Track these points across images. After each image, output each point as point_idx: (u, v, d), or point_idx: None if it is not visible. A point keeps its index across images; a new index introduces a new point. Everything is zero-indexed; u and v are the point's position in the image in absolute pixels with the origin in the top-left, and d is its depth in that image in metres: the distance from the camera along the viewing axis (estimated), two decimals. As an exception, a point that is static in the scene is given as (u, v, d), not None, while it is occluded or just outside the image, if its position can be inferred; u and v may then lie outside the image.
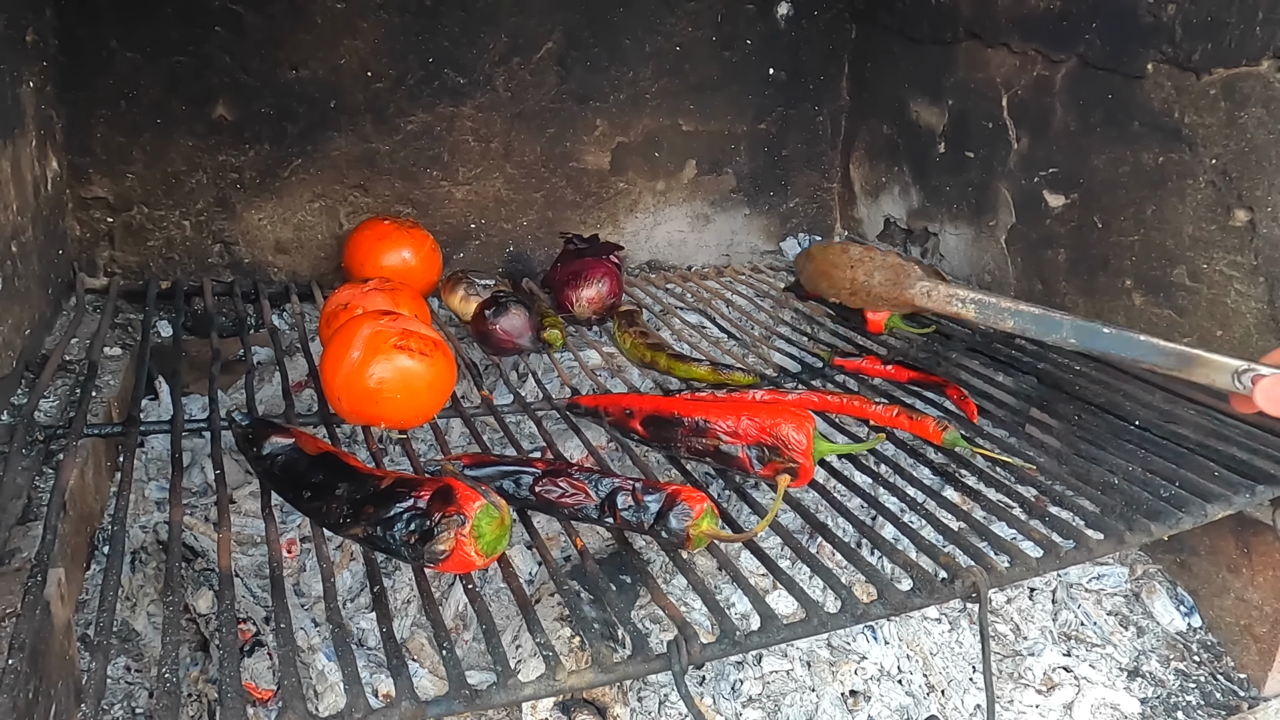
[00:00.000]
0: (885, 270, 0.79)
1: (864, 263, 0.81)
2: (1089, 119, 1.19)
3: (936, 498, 0.88)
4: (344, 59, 1.33)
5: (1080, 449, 0.94)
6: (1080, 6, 1.19)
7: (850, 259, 0.81)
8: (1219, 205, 1.04)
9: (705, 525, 0.72)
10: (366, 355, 0.86)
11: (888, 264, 0.79)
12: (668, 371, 1.12)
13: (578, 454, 1.07)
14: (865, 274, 0.81)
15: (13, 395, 0.94)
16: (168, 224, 1.32)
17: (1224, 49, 1.02)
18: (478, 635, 0.90)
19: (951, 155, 1.44)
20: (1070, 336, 0.74)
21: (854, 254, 0.81)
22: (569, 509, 0.76)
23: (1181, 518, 0.81)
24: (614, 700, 0.85)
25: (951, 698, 0.92)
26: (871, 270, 0.80)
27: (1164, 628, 1.03)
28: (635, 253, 1.61)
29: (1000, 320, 0.75)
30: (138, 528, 0.97)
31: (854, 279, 0.81)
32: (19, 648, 0.59)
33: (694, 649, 0.63)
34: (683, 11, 1.50)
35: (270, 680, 0.84)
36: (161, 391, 1.17)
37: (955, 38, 1.40)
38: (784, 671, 0.92)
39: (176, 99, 1.27)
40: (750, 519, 1.03)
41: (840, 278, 0.82)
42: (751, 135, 1.62)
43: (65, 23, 1.19)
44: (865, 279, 0.81)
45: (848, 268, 0.81)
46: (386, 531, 0.67)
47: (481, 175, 1.46)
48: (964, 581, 0.72)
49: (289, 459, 0.78)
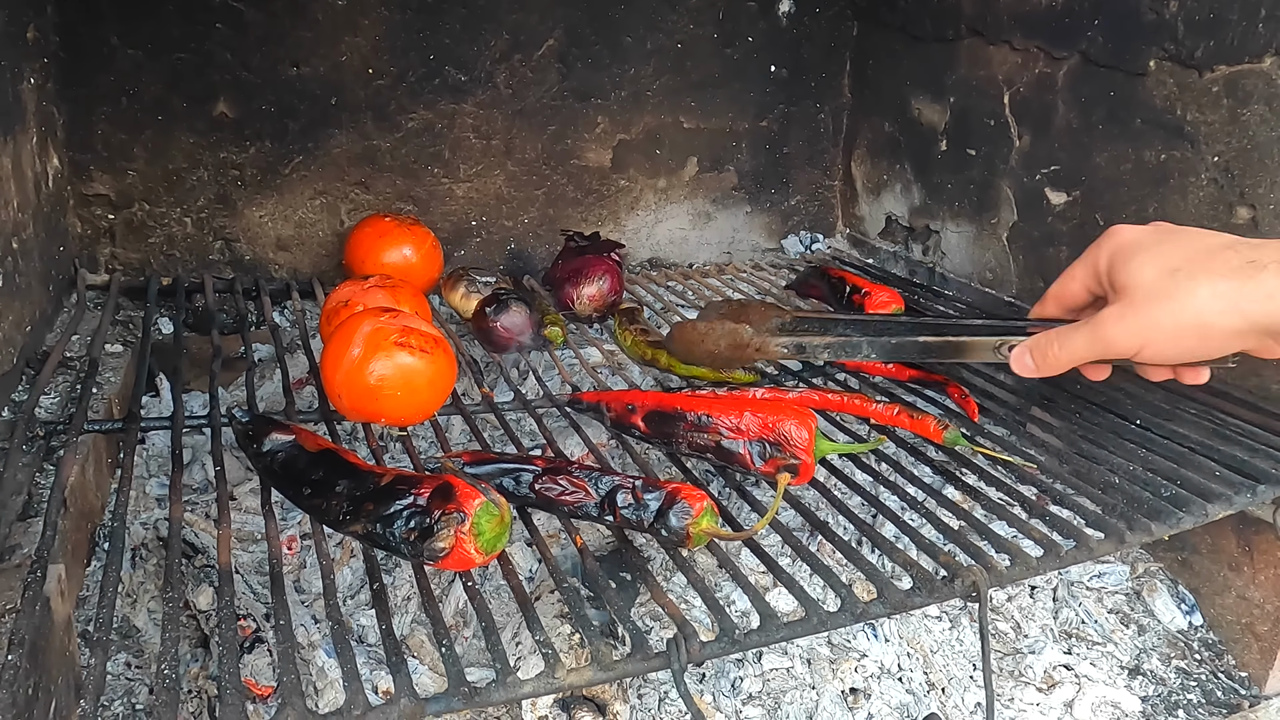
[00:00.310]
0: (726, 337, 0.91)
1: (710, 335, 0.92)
2: (1091, 116, 1.19)
3: (937, 496, 0.87)
4: (345, 56, 1.33)
5: (1081, 448, 0.94)
6: (1082, 4, 1.19)
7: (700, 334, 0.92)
8: (1221, 203, 1.04)
9: (705, 523, 0.72)
10: (367, 352, 0.86)
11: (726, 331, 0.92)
12: (668, 369, 1.12)
13: (578, 451, 1.07)
14: (714, 344, 0.93)
15: (13, 391, 0.94)
16: (169, 221, 1.32)
17: (1226, 46, 1.02)
18: (477, 632, 0.90)
19: (953, 153, 1.44)
20: (871, 354, 0.86)
21: (700, 329, 0.94)
22: (569, 507, 0.76)
23: (1182, 517, 0.81)
24: (614, 698, 0.85)
25: (952, 695, 0.92)
26: (717, 340, 0.92)
27: (1165, 626, 1.03)
28: (636, 250, 1.60)
29: (818, 356, 0.88)
30: (138, 524, 0.97)
31: (709, 350, 0.93)
32: (19, 643, 0.59)
33: (694, 647, 0.63)
34: (684, 9, 1.49)
35: (270, 677, 0.84)
36: (162, 388, 1.17)
37: (957, 35, 1.39)
38: (784, 669, 0.92)
39: (178, 96, 1.27)
40: (750, 517, 1.03)
41: (700, 352, 0.95)
42: (753, 133, 1.62)
43: (66, 19, 1.19)
44: (715, 348, 0.93)
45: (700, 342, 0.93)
46: (386, 529, 0.67)
47: (483, 172, 1.46)
48: (964, 580, 0.72)
49: (289, 456, 0.78)
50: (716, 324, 0.91)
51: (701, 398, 0.92)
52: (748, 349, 0.89)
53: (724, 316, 0.92)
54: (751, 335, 0.88)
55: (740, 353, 0.90)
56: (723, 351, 0.91)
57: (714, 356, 0.93)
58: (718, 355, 0.92)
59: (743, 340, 0.89)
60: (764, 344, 0.88)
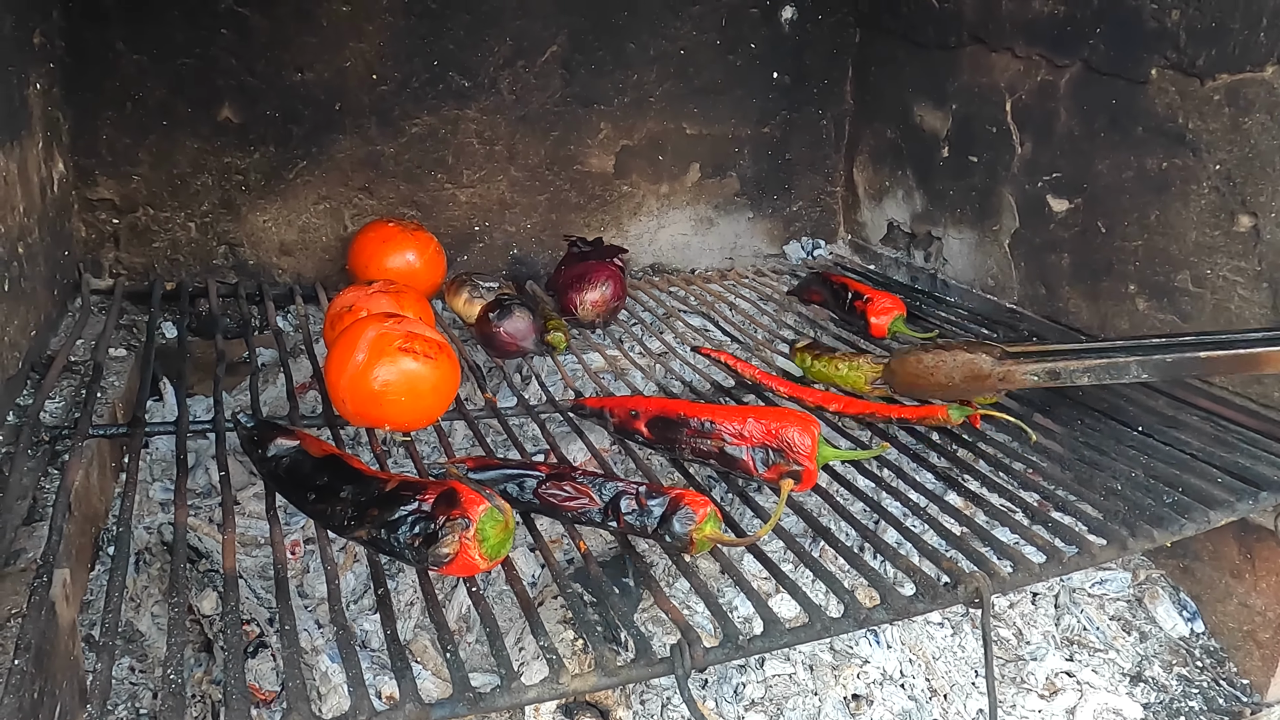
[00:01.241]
0: (961, 369, 0.86)
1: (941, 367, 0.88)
2: (1093, 124, 1.20)
3: (939, 502, 0.88)
4: (349, 62, 1.33)
5: (1083, 454, 0.94)
6: (1085, 12, 1.19)
7: (928, 368, 0.89)
8: (1223, 211, 1.04)
9: (709, 529, 0.73)
10: (371, 358, 0.87)
11: (960, 363, 0.86)
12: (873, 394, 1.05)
13: (581, 456, 1.07)
14: (945, 376, 0.89)
15: (19, 396, 0.94)
16: (173, 225, 1.33)
17: (1228, 54, 1.02)
18: (480, 637, 0.90)
19: (955, 159, 1.44)
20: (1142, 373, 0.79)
21: (928, 362, 0.90)
22: (573, 512, 0.77)
23: (1185, 524, 0.81)
24: (617, 703, 0.85)
25: (954, 702, 0.92)
26: (950, 372, 0.88)
27: (1167, 633, 1.03)
28: (639, 256, 1.61)
29: (1075, 380, 0.82)
30: (142, 529, 0.97)
31: (939, 383, 0.90)
32: (24, 648, 0.59)
33: (697, 653, 0.63)
34: (687, 15, 1.50)
35: (273, 681, 0.84)
36: (166, 393, 1.18)
37: (959, 42, 1.40)
38: (786, 675, 0.92)
39: (182, 101, 1.27)
40: (753, 522, 1.03)
41: (928, 384, 0.92)
42: (755, 139, 1.62)
43: (72, 25, 1.19)
44: (947, 380, 0.89)
45: (929, 376, 0.90)
46: (391, 534, 0.67)
47: (486, 178, 1.46)
48: (967, 587, 0.72)
49: (294, 461, 0.78)
50: (946, 355, 0.87)
51: (705, 404, 0.93)
52: (988, 379, 0.84)
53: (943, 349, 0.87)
54: (992, 365, 0.83)
55: (979, 384, 0.85)
56: (958, 384, 0.87)
57: (946, 389, 0.88)
58: (951, 388, 0.88)
59: (982, 371, 0.84)
60: (1009, 373, 0.83)
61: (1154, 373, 0.78)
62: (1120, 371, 0.78)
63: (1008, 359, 0.84)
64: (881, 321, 1.25)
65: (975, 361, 0.85)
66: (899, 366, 0.93)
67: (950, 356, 0.87)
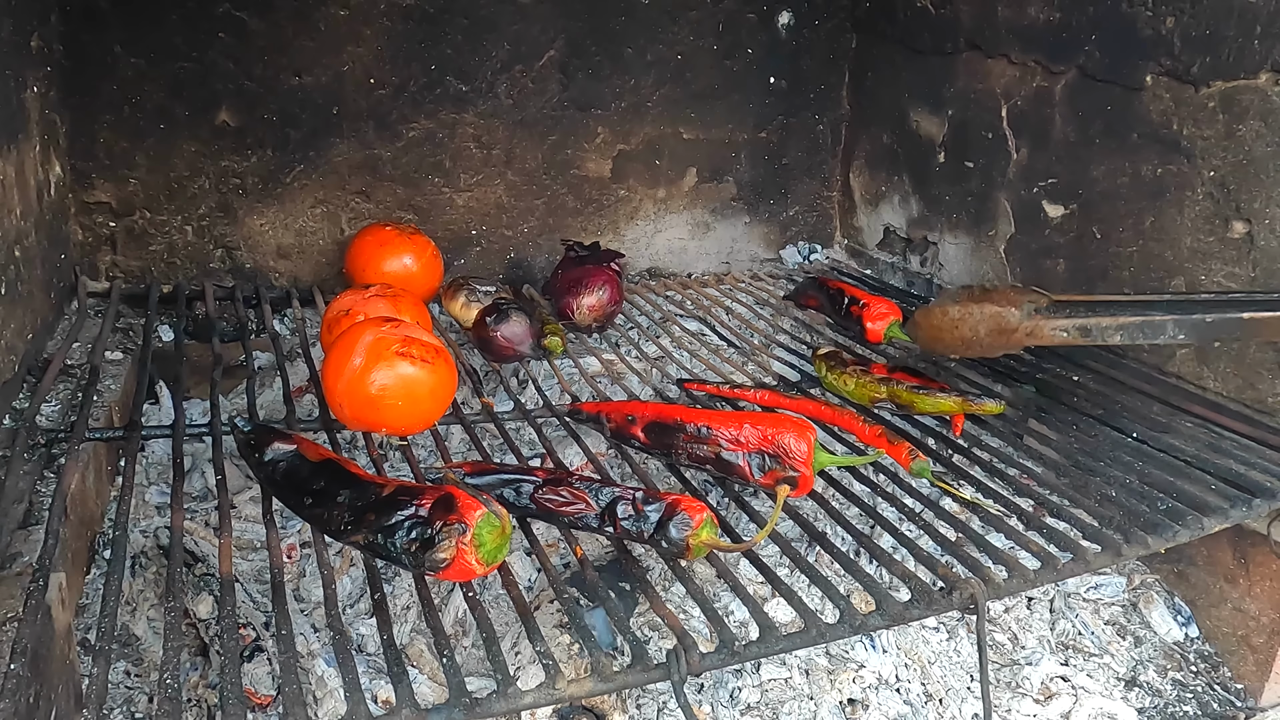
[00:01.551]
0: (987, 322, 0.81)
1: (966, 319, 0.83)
2: (1088, 130, 1.20)
3: (934, 508, 0.88)
4: (347, 66, 1.33)
5: (1078, 460, 0.94)
6: (1080, 19, 1.19)
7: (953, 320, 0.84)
8: (1217, 217, 1.05)
9: (705, 535, 0.73)
10: (369, 362, 0.87)
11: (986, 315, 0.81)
12: (909, 406, 1.01)
13: (577, 461, 1.08)
14: (970, 330, 0.83)
15: (15, 399, 0.94)
16: (170, 229, 1.33)
17: (1222, 62, 1.03)
18: (476, 642, 0.90)
19: (951, 165, 1.44)
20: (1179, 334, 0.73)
21: (954, 314, 0.84)
22: (569, 518, 0.77)
23: (1178, 530, 0.82)
24: (613, 708, 0.85)
25: (949, 706, 0.92)
26: (975, 325, 0.82)
27: (1161, 638, 1.04)
28: (636, 260, 1.61)
29: (1108, 338, 0.76)
30: (138, 532, 0.97)
31: (963, 337, 0.84)
32: (21, 652, 0.59)
33: (693, 659, 0.63)
34: (684, 20, 1.50)
35: (269, 685, 0.84)
36: (162, 396, 1.18)
37: (956, 48, 1.40)
38: (782, 679, 0.92)
39: (180, 104, 1.27)
40: (749, 527, 1.03)
41: (951, 339, 0.85)
42: (752, 143, 1.63)
43: (70, 28, 1.19)
44: (972, 334, 0.83)
45: (953, 329, 0.84)
46: (388, 539, 0.67)
47: (483, 182, 1.46)
48: (962, 593, 0.72)
49: (291, 465, 0.78)
50: (974, 307, 0.82)
51: (702, 409, 0.93)
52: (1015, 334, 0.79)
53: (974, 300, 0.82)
54: (1020, 319, 0.79)
55: (1005, 339, 0.80)
56: (983, 338, 0.82)
57: (970, 344, 0.83)
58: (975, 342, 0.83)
59: (1009, 325, 0.79)
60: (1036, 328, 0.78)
61: (1191, 334, 0.73)
62: (1156, 331, 0.74)
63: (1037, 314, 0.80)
64: (877, 327, 1.26)
65: (1003, 315, 0.80)
66: (924, 319, 0.87)
67: (978, 309, 0.82)
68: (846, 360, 1.11)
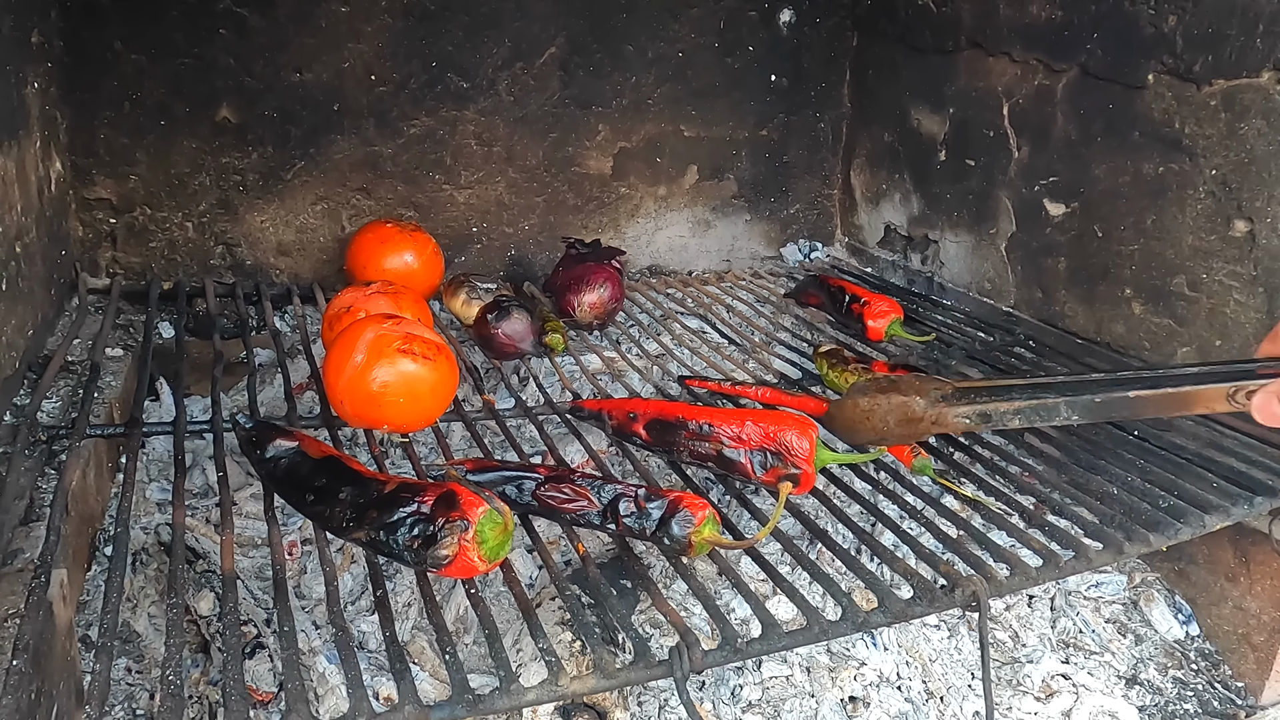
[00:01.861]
0: (894, 412, 0.83)
1: (875, 410, 0.84)
2: (1090, 129, 1.20)
3: (935, 505, 0.88)
4: (347, 62, 1.33)
5: (1079, 458, 0.94)
6: (1082, 17, 1.19)
7: (863, 412, 0.85)
8: (1219, 215, 1.05)
9: (707, 532, 0.73)
10: (370, 359, 0.87)
11: (893, 406, 0.83)
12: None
13: (578, 458, 1.08)
14: (880, 420, 0.85)
15: (15, 396, 0.94)
16: (170, 225, 1.32)
17: (1225, 60, 1.03)
18: (478, 638, 0.90)
19: (952, 163, 1.44)
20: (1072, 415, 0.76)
21: (864, 405, 0.85)
22: (571, 515, 0.77)
23: (1180, 528, 0.82)
24: (614, 705, 0.85)
25: (950, 704, 0.92)
26: (885, 415, 0.84)
27: (1162, 636, 1.04)
28: (636, 258, 1.61)
29: (1006, 422, 0.78)
30: (138, 529, 0.97)
31: (875, 428, 0.86)
32: (23, 648, 0.59)
33: (696, 656, 0.63)
34: (685, 18, 1.50)
35: (270, 682, 0.84)
36: (162, 393, 1.17)
37: (957, 46, 1.40)
38: (784, 677, 0.92)
39: (180, 101, 1.27)
40: (750, 525, 1.03)
41: (865, 430, 0.87)
42: (753, 141, 1.62)
43: (70, 24, 1.19)
44: (882, 424, 0.85)
45: (864, 420, 0.85)
46: (390, 536, 0.67)
47: (484, 179, 1.46)
48: (964, 590, 0.72)
49: (293, 462, 0.78)
50: (880, 399, 0.84)
51: (704, 406, 0.93)
52: (922, 423, 0.82)
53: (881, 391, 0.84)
54: (925, 408, 0.81)
55: (913, 428, 0.82)
56: (892, 429, 0.84)
57: (883, 435, 0.85)
58: (886, 432, 0.85)
59: (915, 414, 0.82)
60: (941, 416, 0.80)
61: (1083, 414, 0.76)
62: (1050, 413, 0.76)
63: (941, 402, 0.82)
64: (878, 325, 1.26)
65: (908, 405, 0.82)
66: (838, 412, 0.88)
67: (885, 400, 0.84)
68: (848, 358, 1.11)
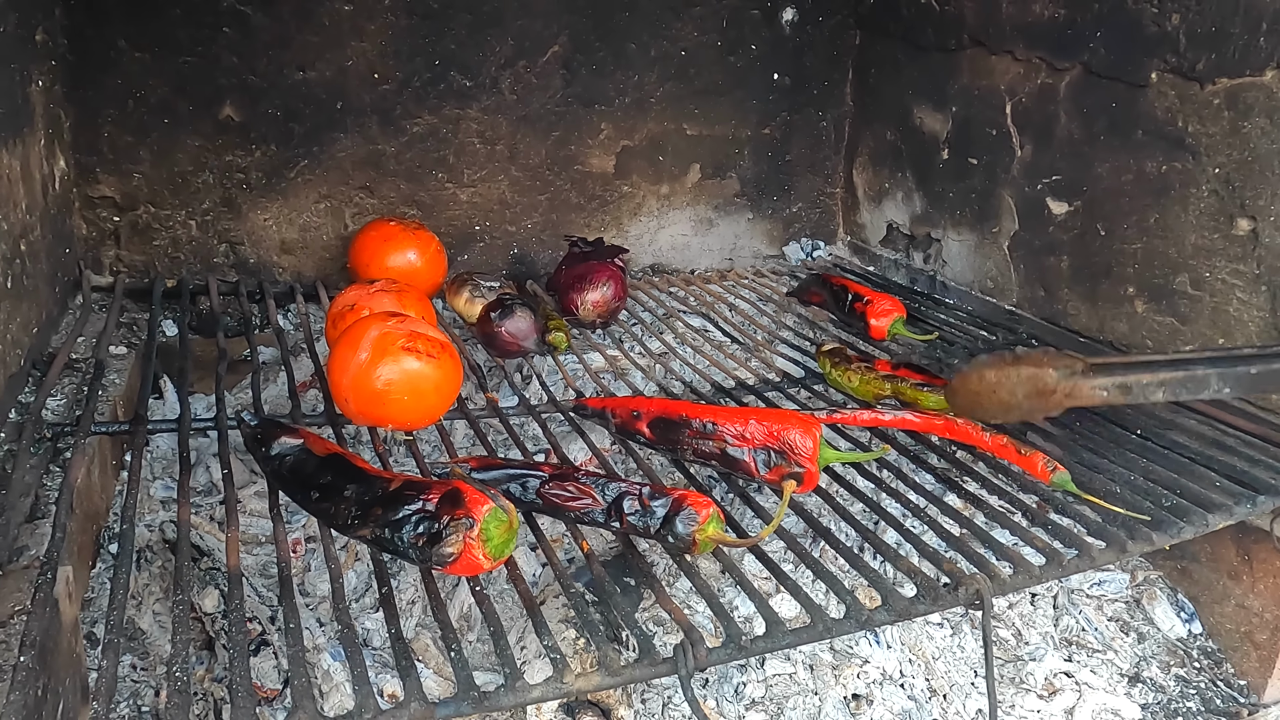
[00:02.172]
0: (1024, 384, 0.81)
1: (1004, 383, 0.83)
2: (1092, 127, 1.20)
3: (939, 503, 0.88)
4: (351, 61, 1.33)
5: (1082, 457, 0.94)
6: (1085, 15, 1.19)
7: (990, 385, 0.84)
8: (1222, 214, 1.05)
9: (711, 530, 0.73)
10: (374, 357, 0.87)
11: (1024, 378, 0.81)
12: (913, 402, 1.02)
13: (581, 456, 1.08)
14: (1009, 393, 0.82)
15: (20, 393, 0.94)
16: (174, 223, 1.33)
17: (1228, 59, 1.03)
18: (481, 636, 0.91)
19: (955, 162, 1.44)
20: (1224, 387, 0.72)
21: (991, 378, 0.83)
22: (576, 513, 0.77)
23: (1183, 527, 0.82)
24: (618, 702, 0.85)
25: (953, 702, 0.93)
26: (1013, 389, 0.82)
27: (1165, 634, 1.04)
28: (639, 256, 1.61)
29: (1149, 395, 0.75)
30: (143, 526, 0.98)
31: (1002, 401, 0.84)
32: (29, 645, 0.59)
33: (700, 653, 0.63)
34: (688, 16, 1.50)
35: (275, 679, 0.84)
36: (166, 391, 1.18)
37: (959, 45, 1.40)
38: (787, 674, 0.92)
39: (184, 99, 1.27)
40: (754, 522, 1.03)
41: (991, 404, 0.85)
42: (755, 140, 1.63)
43: (74, 22, 1.19)
44: (1010, 398, 0.82)
45: (991, 394, 0.84)
46: (395, 533, 0.68)
47: (487, 178, 1.46)
48: (968, 588, 0.72)
49: (297, 460, 0.78)
50: (1010, 370, 0.81)
51: (706, 406, 0.93)
52: (1054, 395, 0.78)
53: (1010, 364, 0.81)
54: (1059, 379, 0.77)
55: (1044, 401, 0.79)
56: (1021, 401, 0.81)
57: (1009, 407, 0.82)
58: (1014, 405, 0.81)
59: (1047, 386, 0.78)
60: (1075, 389, 0.77)
61: (1237, 386, 0.72)
62: (1199, 385, 0.73)
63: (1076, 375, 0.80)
64: (881, 324, 1.26)
65: (1040, 377, 0.78)
66: (960, 385, 0.86)
67: (1014, 372, 0.81)
68: (850, 357, 1.11)
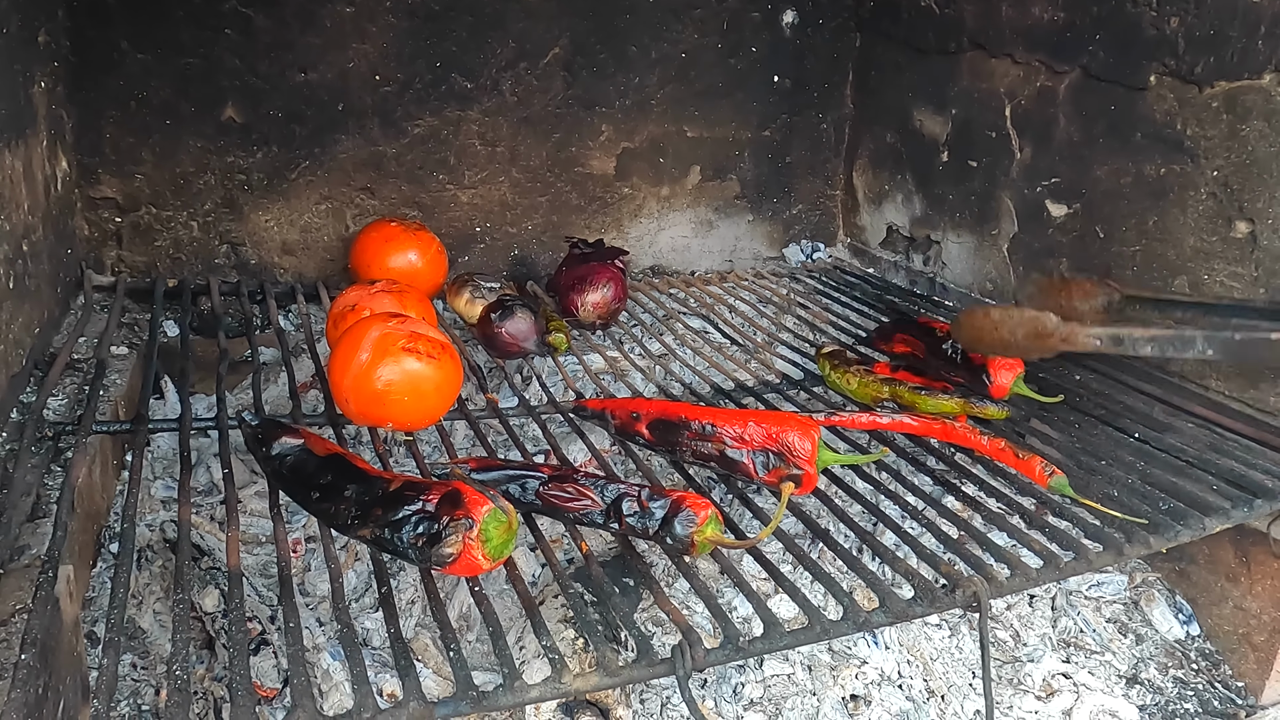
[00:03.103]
0: (1025, 325, 0.84)
1: (1005, 322, 0.86)
2: (1092, 130, 1.20)
3: (936, 506, 0.88)
4: (352, 62, 1.34)
5: (1080, 460, 0.95)
6: (1084, 19, 1.20)
7: (993, 322, 0.87)
8: (1220, 217, 1.05)
9: (710, 532, 0.73)
10: (375, 357, 0.87)
11: (1025, 319, 0.84)
12: (911, 406, 1.01)
13: (581, 457, 1.08)
14: (1009, 332, 0.87)
15: (22, 393, 0.94)
16: (175, 224, 1.33)
17: (1226, 62, 1.03)
18: (480, 636, 0.91)
19: (954, 164, 1.45)
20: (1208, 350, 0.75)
21: (995, 316, 0.87)
22: (575, 514, 0.77)
23: (1180, 531, 0.82)
24: (617, 702, 0.85)
25: (951, 703, 0.93)
26: (1014, 328, 0.85)
27: (1163, 635, 1.04)
28: (639, 258, 1.61)
29: (1139, 349, 0.79)
30: (143, 526, 0.98)
31: (1001, 339, 0.88)
32: (30, 643, 0.60)
33: (698, 654, 0.64)
34: (688, 19, 1.51)
35: (274, 678, 0.84)
36: (167, 391, 1.18)
37: (959, 48, 1.40)
38: (785, 675, 0.92)
39: (186, 100, 1.28)
40: (752, 524, 1.03)
41: (991, 339, 0.89)
42: (756, 142, 1.63)
43: (77, 24, 1.20)
44: (1010, 336, 0.87)
45: (993, 330, 0.87)
46: (395, 534, 0.68)
47: (487, 179, 1.47)
48: (965, 591, 0.73)
49: (298, 460, 0.79)
50: (1014, 311, 0.84)
51: (705, 408, 0.93)
52: (1050, 339, 0.81)
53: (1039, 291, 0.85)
54: (1057, 325, 0.80)
55: (1041, 343, 0.82)
56: (1019, 341, 0.84)
57: (1008, 345, 0.86)
58: (1012, 344, 0.85)
59: (1045, 329, 0.81)
60: (1071, 334, 0.80)
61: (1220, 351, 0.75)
62: (1185, 345, 0.76)
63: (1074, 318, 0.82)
64: (1004, 381, 1.02)
65: (1040, 320, 0.82)
66: (966, 319, 0.90)
67: (1017, 313, 0.85)
68: (850, 359, 1.11)
